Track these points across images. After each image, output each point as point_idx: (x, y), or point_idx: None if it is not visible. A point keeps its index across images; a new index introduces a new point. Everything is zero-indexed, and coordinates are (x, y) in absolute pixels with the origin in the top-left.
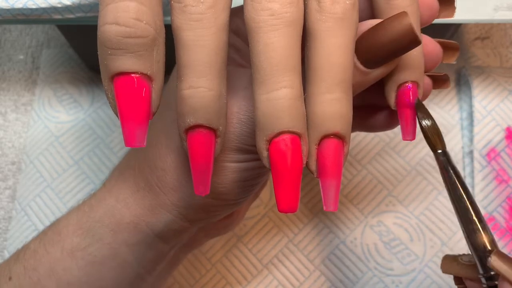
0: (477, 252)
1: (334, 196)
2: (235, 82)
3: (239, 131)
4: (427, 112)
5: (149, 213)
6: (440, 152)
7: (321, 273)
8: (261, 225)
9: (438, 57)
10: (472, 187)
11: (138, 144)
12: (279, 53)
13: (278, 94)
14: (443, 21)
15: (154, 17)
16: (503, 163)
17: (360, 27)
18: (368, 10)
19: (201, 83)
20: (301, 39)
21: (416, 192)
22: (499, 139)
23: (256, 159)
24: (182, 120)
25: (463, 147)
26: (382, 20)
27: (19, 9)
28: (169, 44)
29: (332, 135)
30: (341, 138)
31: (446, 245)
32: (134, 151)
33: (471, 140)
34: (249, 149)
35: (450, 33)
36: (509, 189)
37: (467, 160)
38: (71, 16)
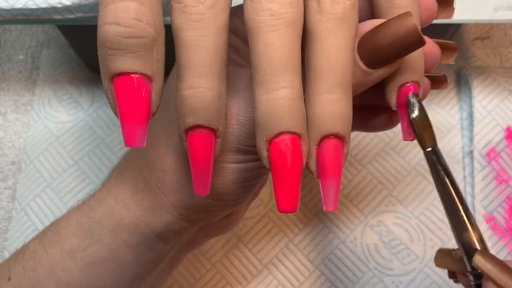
0: (465, 250)
1: (334, 196)
2: (234, 82)
3: (238, 132)
4: (419, 106)
5: (149, 214)
6: (429, 150)
7: (321, 273)
8: (261, 225)
9: (437, 57)
10: (472, 187)
11: (138, 144)
12: (279, 53)
13: (278, 94)
14: (443, 21)
15: (154, 17)
16: (503, 163)
17: (362, 27)
18: (368, 10)
19: (201, 83)
20: (301, 39)
21: (416, 192)
22: (499, 139)
23: (255, 159)
24: (182, 120)
25: (463, 147)
26: (385, 20)
27: (19, 9)
28: (169, 45)
29: (332, 135)
30: (341, 139)
31: (446, 245)
32: (133, 151)
33: (471, 140)
34: (249, 150)
35: (450, 33)
36: (509, 189)
37: (467, 160)
38: (71, 16)
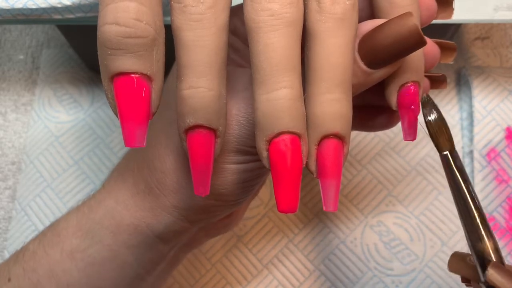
0: (479, 259)
1: (334, 196)
2: (234, 82)
3: (238, 133)
4: (435, 109)
5: (150, 215)
6: (445, 154)
7: (321, 273)
8: (261, 225)
9: (436, 57)
10: (472, 187)
11: (138, 144)
12: (279, 53)
13: (278, 94)
14: (443, 21)
15: (154, 17)
16: (503, 163)
17: (363, 27)
18: (368, 9)
19: (201, 83)
20: (301, 39)
21: (416, 192)
22: (499, 139)
23: (255, 160)
24: (182, 120)
25: (463, 147)
26: (386, 20)
27: (19, 9)
28: (169, 44)
29: (332, 135)
30: (341, 139)
31: (446, 245)
32: (133, 151)
33: (471, 140)
34: (249, 150)
35: (450, 33)
36: (509, 189)
37: (467, 160)
38: (71, 16)
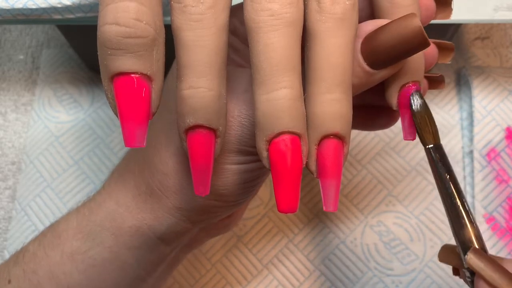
0: (462, 247)
1: (334, 196)
2: (235, 83)
3: (240, 134)
4: (421, 103)
5: (151, 216)
6: (430, 147)
7: (321, 273)
8: (261, 225)
9: (434, 57)
10: (472, 187)
11: (138, 144)
12: (279, 53)
13: (278, 94)
14: (443, 21)
15: (154, 17)
16: (503, 163)
17: (365, 27)
18: (368, 9)
19: (201, 83)
20: (301, 39)
21: (416, 192)
22: (499, 139)
23: (257, 160)
24: (182, 120)
25: (463, 147)
26: (389, 21)
27: (19, 9)
28: (169, 44)
29: (332, 135)
30: (341, 139)
31: None
32: (133, 152)
33: (471, 140)
34: (250, 151)
35: (450, 33)
36: (509, 189)
37: (467, 160)
38: (71, 16)
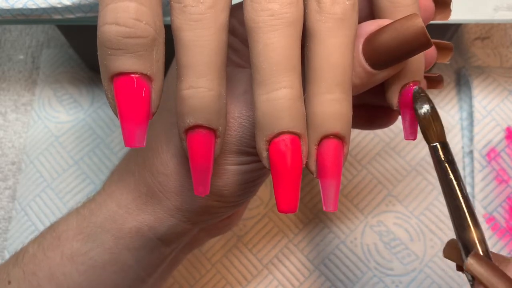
0: (465, 249)
1: (334, 197)
2: (235, 83)
3: (240, 135)
4: (426, 100)
5: (152, 218)
6: (433, 145)
7: (321, 273)
8: (261, 225)
9: (433, 57)
10: (472, 187)
11: (138, 144)
12: (278, 53)
13: (278, 95)
14: (443, 21)
15: (154, 17)
16: (503, 163)
17: (367, 27)
18: (367, 9)
19: (201, 83)
20: (301, 39)
21: (416, 192)
22: (499, 139)
23: (257, 160)
24: (182, 121)
25: (463, 147)
26: (391, 21)
27: (19, 9)
28: (168, 45)
29: (332, 135)
30: (341, 139)
31: None
32: (133, 152)
33: (471, 140)
34: (250, 152)
35: (450, 33)
36: (509, 189)
37: (467, 160)
38: (71, 16)
